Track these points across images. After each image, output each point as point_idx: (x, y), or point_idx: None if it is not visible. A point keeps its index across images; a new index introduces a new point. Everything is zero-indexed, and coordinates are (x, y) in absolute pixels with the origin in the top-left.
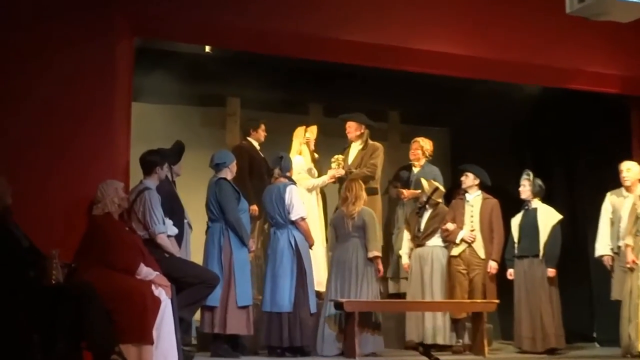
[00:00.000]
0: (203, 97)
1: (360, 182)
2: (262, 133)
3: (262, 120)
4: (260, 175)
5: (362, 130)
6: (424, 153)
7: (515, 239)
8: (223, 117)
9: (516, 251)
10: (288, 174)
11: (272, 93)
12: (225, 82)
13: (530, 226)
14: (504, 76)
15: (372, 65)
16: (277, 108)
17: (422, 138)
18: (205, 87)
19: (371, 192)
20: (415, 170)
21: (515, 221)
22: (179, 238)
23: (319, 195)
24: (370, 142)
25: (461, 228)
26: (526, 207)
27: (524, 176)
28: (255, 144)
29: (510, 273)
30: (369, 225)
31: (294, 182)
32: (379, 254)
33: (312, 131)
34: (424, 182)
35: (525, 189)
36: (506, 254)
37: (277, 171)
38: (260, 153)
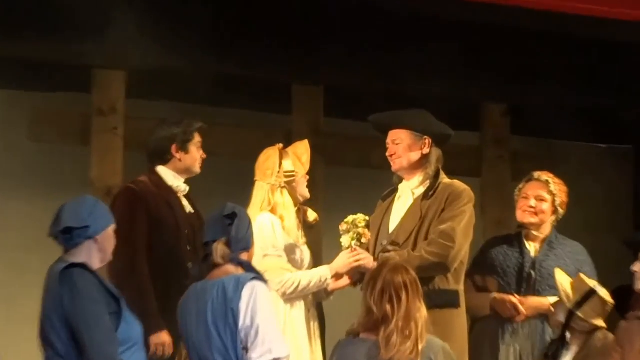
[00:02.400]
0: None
1: (414, 279)
2: (196, 154)
3: (195, 126)
4: (179, 260)
5: (425, 149)
6: (554, 208)
7: None
8: (84, 120)
9: None
10: (244, 256)
11: (207, 63)
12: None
13: None
14: None
15: None
16: (220, 98)
17: (550, 176)
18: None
19: (443, 300)
20: (531, 247)
21: None
22: None
23: (310, 310)
24: (444, 178)
25: None
26: None
27: None
28: (175, 181)
29: None
30: None
31: (259, 276)
32: None
33: (299, 153)
34: (562, 278)
35: None
36: None
37: (219, 249)
38: (186, 203)
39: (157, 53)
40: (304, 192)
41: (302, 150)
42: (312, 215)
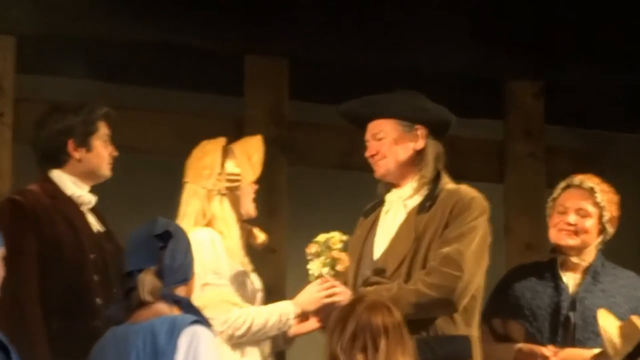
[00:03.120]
0: None
1: (398, 322)
2: (102, 151)
3: (99, 113)
4: (84, 294)
5: (418, 143)
6: (600, 226)
7: None
8: None
9: None
10: (181, 291)
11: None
12: None
13: None
14: None
15: None
16: (146, 75)
17: (597, 181)
18: None
19: (449, 350)
20: (570, 279)
21: None
22: None
23: None
24: (448, 183)
25: None
26: None
27: None
28: (76, 189)
29: None
30: None
31: (202, 320)
32: None
33: (249, 152)
34: (607, 323)
35: None
36: None
37: (147, 281)
38: (93, 220)
39: (59, 12)
40: (248, 207)
41: (253, 147)
42: (259, 237)
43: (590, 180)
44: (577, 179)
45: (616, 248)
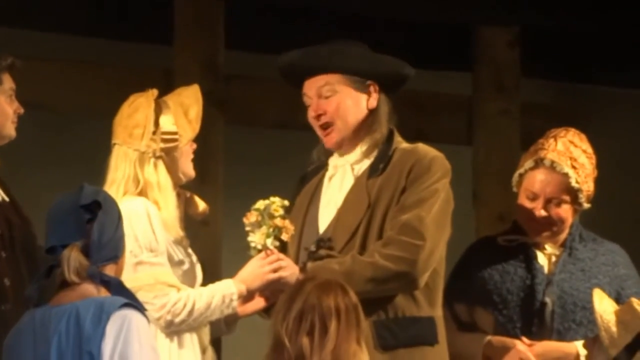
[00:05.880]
0: None
1: (353, 304)
2: (6, 108)
3: (2, 63)
4: None
5: (372, 101)
6: (577, 205)
7: None
8: None
9: None
10: (110, 269)
11: None
12: None
13: None
14: None
15: None
16: (55, 20)
17: (572, 131)
18: None
19: (411, 333)
20: (545, 257)
21: None
22: None
23: (207, 351)
24: (402, 143)
25: None
26: None
27: None
28: None
29: None
30: None
31: (134, 302)
32: None
33: (185, 104)
34: (602, 305)
35: None
36: None
37: (72, 258)
38: None
39: None
40: (187, 169)
41: (189, 99)
42: (199, 205)
43: (564, 156)
44: (548, 156)
45: (599, 213)
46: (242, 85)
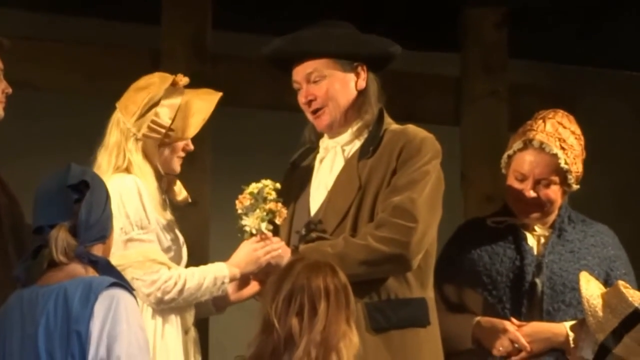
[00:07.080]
0: None
1: (342, 285)
2: None
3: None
4: None
5: (361, 82)
6: (566, 187)
7: None
8: None
9: None
10: (98, 249)
11: None
12: None
13: None
14: None
15: None
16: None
17: (560, 112)
18: None
19: (403, 315)
20: (534, 238)
21: None
22: None
23: (190, 332)
24: (392, 124)
25: None
26: None
27: None
28: None
29: None
30: None
31: (122, 282)
32: None
33: (195, 107)
34: (589, 288)
35: None
36: None
37: (59, 238)
38: None
39: None
40: (170, 163)
41: (201, 104)
42: (180, 194)
43: (553, 137)
44: (537, 137)
45: (589, 193)
46: (230, 66)
